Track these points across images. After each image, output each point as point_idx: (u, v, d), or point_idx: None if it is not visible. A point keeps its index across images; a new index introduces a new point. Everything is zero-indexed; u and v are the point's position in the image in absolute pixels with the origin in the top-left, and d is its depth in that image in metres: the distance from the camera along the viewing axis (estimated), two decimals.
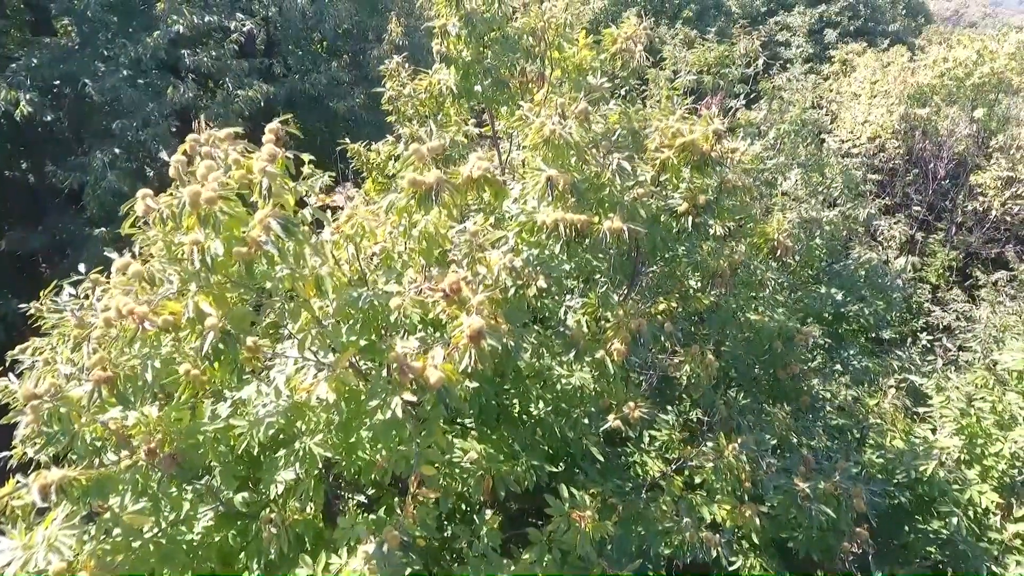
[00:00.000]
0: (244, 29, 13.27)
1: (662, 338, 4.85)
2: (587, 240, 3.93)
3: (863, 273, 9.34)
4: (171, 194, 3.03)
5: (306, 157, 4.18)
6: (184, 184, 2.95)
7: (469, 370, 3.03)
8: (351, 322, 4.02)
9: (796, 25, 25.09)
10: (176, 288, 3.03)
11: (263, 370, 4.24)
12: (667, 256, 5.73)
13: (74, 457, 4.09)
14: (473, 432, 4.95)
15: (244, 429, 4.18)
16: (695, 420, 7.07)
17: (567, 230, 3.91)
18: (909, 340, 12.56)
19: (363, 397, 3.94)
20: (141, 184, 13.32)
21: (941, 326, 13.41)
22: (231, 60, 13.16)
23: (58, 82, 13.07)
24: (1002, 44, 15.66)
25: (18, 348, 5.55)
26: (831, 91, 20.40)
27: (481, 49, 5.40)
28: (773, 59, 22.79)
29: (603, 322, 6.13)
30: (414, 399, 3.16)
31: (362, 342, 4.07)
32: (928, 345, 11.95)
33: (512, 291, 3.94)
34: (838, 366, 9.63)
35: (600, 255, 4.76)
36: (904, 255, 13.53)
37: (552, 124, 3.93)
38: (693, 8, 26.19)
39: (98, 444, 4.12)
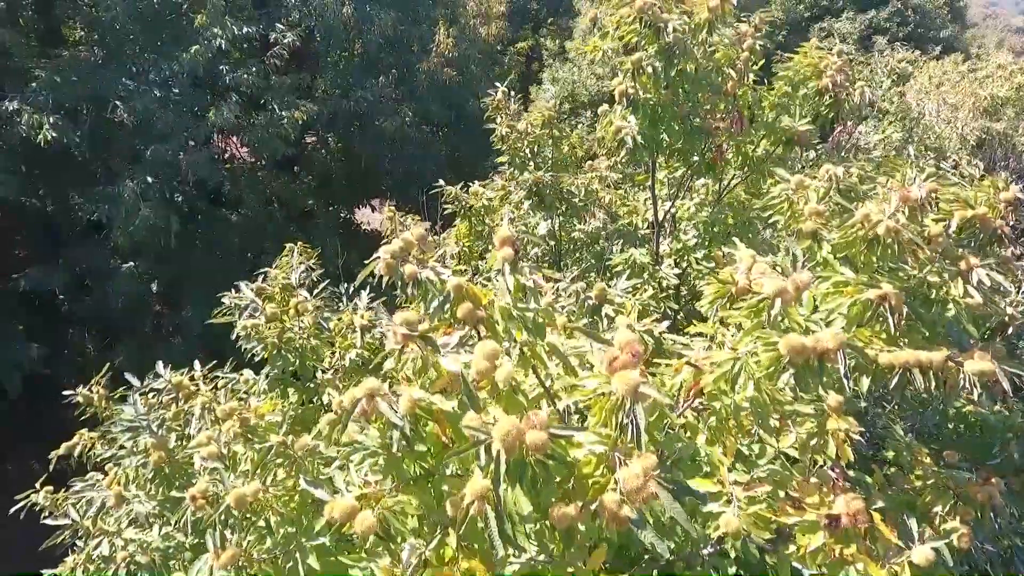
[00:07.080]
0: (286, 41, 11.99)
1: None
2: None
3: None
4: None
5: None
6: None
7: None
8: None
9: (846, 32, 23.83)
10: None
11: None
12: None
13: None
14: None
15: None
16: None
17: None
18: None
19: None
20: (175, 215, 12.02)
21: None
22: (272, 76, 11.87)
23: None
24: None
25: (64, 447, 4.80)
26: (892, 101, 19.20)
27: (677, 88, 4.16)
28: None
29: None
30: None
31: None
32: None
33: None
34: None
35: None
36: None
37: (887, 219, 2.68)
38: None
39: None
